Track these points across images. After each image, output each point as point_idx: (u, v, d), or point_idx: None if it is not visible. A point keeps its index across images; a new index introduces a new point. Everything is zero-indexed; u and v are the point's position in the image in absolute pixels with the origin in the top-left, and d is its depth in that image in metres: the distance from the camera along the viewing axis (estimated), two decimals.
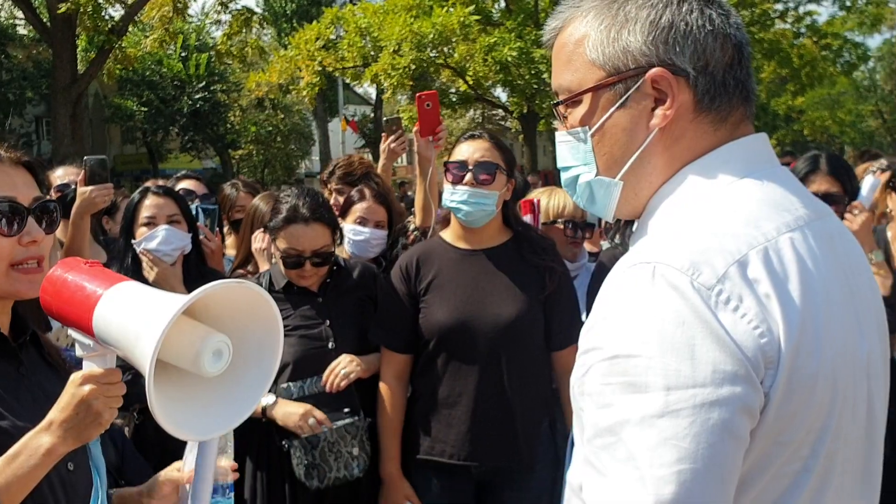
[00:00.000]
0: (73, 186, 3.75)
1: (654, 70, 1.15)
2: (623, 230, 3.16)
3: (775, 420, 1.03)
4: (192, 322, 1.46)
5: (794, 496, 1.07)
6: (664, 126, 1.17)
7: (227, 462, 1.87)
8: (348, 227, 3.50)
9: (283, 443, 2.84)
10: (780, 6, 21.12)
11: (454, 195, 2.79)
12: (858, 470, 1.16)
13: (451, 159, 2.88)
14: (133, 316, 1.40)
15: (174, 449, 2.72)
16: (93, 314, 1.45)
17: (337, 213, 3.88)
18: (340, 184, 3.96)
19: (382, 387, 2.89)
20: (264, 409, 2.82)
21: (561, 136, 1.29)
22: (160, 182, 4.00)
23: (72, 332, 1.54)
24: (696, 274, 1.02)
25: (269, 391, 2.83)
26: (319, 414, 2.80)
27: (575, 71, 1.22)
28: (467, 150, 2.83)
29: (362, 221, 3.51)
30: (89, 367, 1.52)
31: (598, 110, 1.21)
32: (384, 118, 3.60)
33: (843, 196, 3.04)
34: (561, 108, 1.27)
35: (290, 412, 2.81)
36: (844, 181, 3.07)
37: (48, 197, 1.75)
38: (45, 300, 1.57)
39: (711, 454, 0.97)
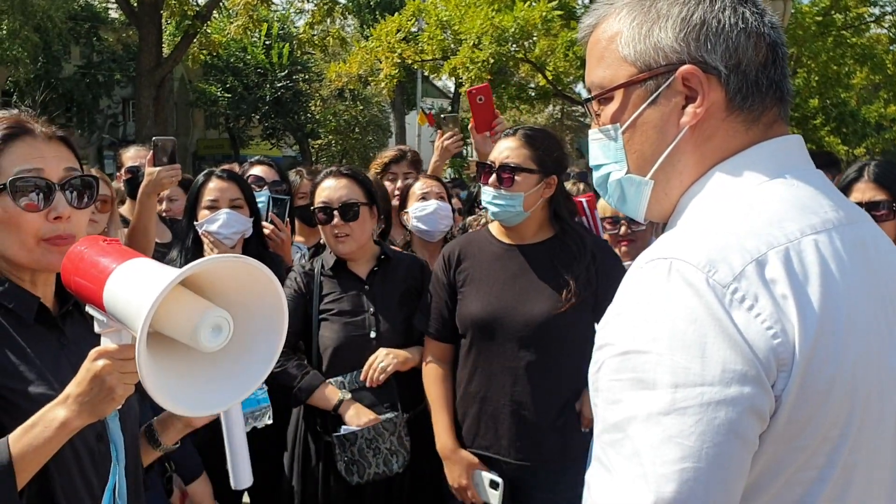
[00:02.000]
0: (142, 169, 3.79)
1: (684, 67, 1.14)
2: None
3: (787, 424, 1.01)
4: (194, 297, 1.44)
5: None
6: (695, 124, 1.16)
7: None
8: (412, 208, 3.53)
9: (326, 438, 2.89)
10: (876, 10, 20.25)
11: (483, 195, 2.82)
12: (885, 486, 1.12)
13: (488, 157, 2.88)
14: (134, 289, 1.39)
15: None
16: (104, 289, 1.44)
17: (397, 200, 3.85)
18: (412, 168, 3.91)
19: (426, 369, 2.91)
20: (339, 403, 2.87)
21: (593, 133, 1.29)
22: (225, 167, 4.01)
23: (88, 308, 1.54)
24: (712, 271, 1.01)
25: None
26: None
27: (607, 67, 1.22)
28: (497, 150, 2.82)
29: (424, 196, 3.54)
30: (105, 344, 1.52)
31: (629, 107, 1.20)
32: (441, 115, 3.57)
33: (889, 202, 2.90)
34: (594, 106, 1.27)
35: (359, 413, 2.85)
36: (892, 188, 2.92)
37: (81, 172, 1.73)
38: (65, 276, 1.56)
39: (716, 454, 0.97)
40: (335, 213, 2.99)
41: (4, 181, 1.61)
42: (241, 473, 1.96)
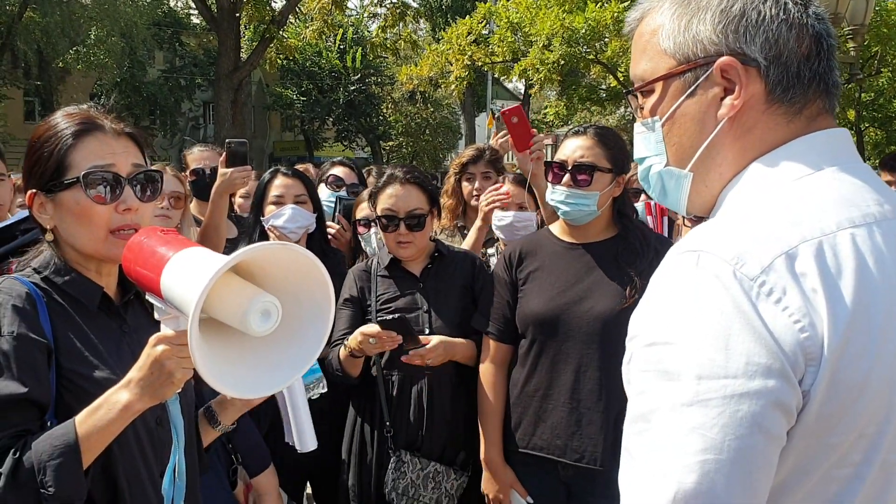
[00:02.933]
0: (207, 171, 3.93)
1: (722, 59, 1.14)
2: None
3: (817, 419, 1.00)
4: (243, 283, 1.49)
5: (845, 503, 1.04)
6: (733, 116, 1.15)
7: None
8: (494, 215, 3.52)
9: (397, 454, 2.92)
10: None
11: (554, 194, 2.78)
12: None
13: (555, 157, 2.85)
14: (187, 277, 1.44)
15: None
16: (161, 277, 1.50)
17: (475, 200, 3.82)
18: (489, 168, 3.89)
19: (483, 371, 2.89)
20: (349, 352, 2.90)
21: (637, 126, 1.29)
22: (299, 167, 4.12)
23: (148, 296, 1.60)
24: (739, 264, 1.01)
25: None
26: (370, 329, 2.83)
27: (649, 60, 1.23)
28: (568, 149, 2.79)
29: (505, 206, 3.52)
30: (165, 330, 1.58)
31: (668, 99, 1.21)
32: (496, 113, 3.56)
33: None
34: (639, 99, 1.27)
35: (355, 337, 2.87)
36: None
37: (146, 167, 1.81)
38: (126, 265, 1.63)
39: (738, 447, 0.96)
40: (401, 222, 3.00)
41: (77, 175, 1.70)
42: (305, 438, 2.07)
